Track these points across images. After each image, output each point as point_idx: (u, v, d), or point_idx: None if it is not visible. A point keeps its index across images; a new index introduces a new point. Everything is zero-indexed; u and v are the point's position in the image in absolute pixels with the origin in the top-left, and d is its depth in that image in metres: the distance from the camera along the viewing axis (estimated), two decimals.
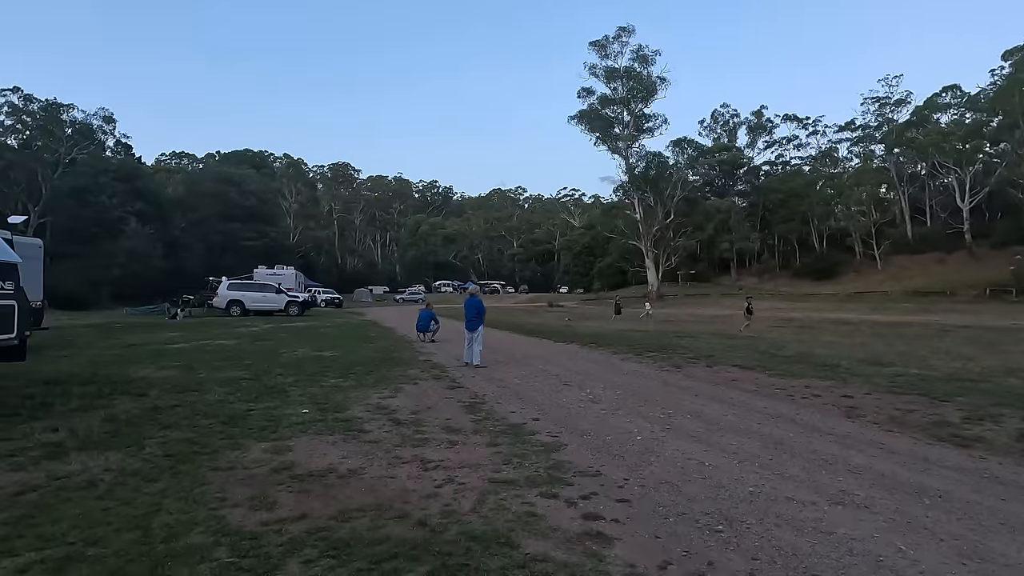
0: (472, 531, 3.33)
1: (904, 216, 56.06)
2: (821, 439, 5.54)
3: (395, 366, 10.62)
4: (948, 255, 48.11)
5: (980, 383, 8.29)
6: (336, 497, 3.93)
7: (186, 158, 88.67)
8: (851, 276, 53.25)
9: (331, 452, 5.01)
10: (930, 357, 11.48)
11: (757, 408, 7.03)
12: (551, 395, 7.92)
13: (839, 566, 2.97)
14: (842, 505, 3.82)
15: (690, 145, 63.80)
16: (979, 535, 3.33)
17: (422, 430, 5.81)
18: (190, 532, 3.33)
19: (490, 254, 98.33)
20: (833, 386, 8.32)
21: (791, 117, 68.52)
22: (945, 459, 4.86)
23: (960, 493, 4.02)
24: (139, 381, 8.56)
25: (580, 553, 3.09)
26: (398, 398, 7.51)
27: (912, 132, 53.19)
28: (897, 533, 3.37)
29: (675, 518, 3.62)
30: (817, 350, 12.95)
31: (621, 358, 12.32)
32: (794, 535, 3.35)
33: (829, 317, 28.17)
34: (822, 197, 59.25)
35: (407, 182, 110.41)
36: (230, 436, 5.46)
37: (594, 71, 54.40)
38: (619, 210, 63.48)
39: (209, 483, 4.19)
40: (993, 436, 5.48)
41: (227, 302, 28.05)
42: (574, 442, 5.42)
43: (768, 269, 63.84)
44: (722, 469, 4.61)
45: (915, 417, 6.34)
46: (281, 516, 3.57)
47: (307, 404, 6.97)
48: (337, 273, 77.15)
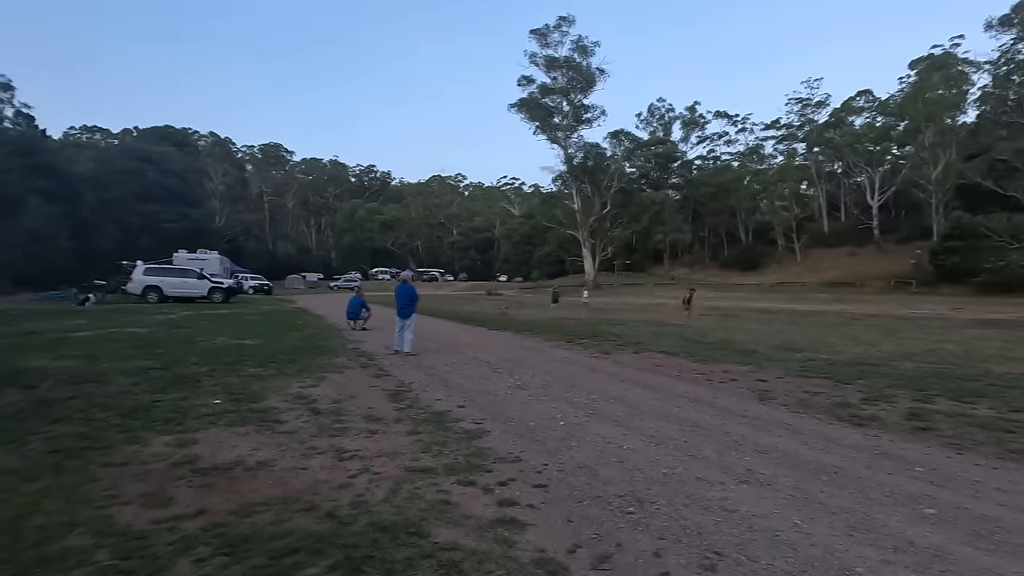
0: (382, 521, 3.23)
1: (822, 211, 59.74)
2: (734, 421, 5.77)
3: (321, 354, 10.25)
4: (859, 249, 51.72)
5: (880, 367, 8.93)
6: (240, 491, 3.71)
7: (99, 133, 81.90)
8: (774, 267, 56.32)
9: (241, 444, 4.75)
10: (838, 343, 12.27)
11: (678, 392, 7.25)
12: (479, 382, 7.87)
13: (740, 542, 3.08)
14: (748, 483, 3.98)
15: (627, 137, 65.24)
16: (867, 508, 3.55)
17: (342, 419, 5.62)
18: (68, 534, 3.05)
19: (429, 241, 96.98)
20: (750, 371, 8.71)
21: (722, 114, 71.43)
22: (844, 438, 5.17)
23: (854, 469, 4.29)
24: (31, 372, 7.82)
25: (491, 540, 3.05)
26: (320, 387, 7.24)
27: (830, 132, 56.66)
28: (795, 509, 3.54)
29: (589, 501, 3.65)
30: (738, 337, 13.57)
31: (553, 345, 12.44)
32: (701, 514, 3.45)
33: (752, 306, 29.66)
34: (749, 192, 62.26)
35: (343, 166, 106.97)
36: (129, 429, 5.07)
37: (535, 60, 54.48)
38: (558, 200, 64.24)
39: (98, 480, 3.87)
40: (887, 415, 5.89)
41: (143, 288, 26.17)
42: (497, 429, 5.39)
43: (699, 260, 66.51)
44: (639, 452, 4.71)
45: (820, 399, 6.72)
46: (176, 513, 3.34)
47: (220, 394, 6.58)
48: (267, 259, 73.98)
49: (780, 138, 67.05)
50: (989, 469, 4.32)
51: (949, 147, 44.64)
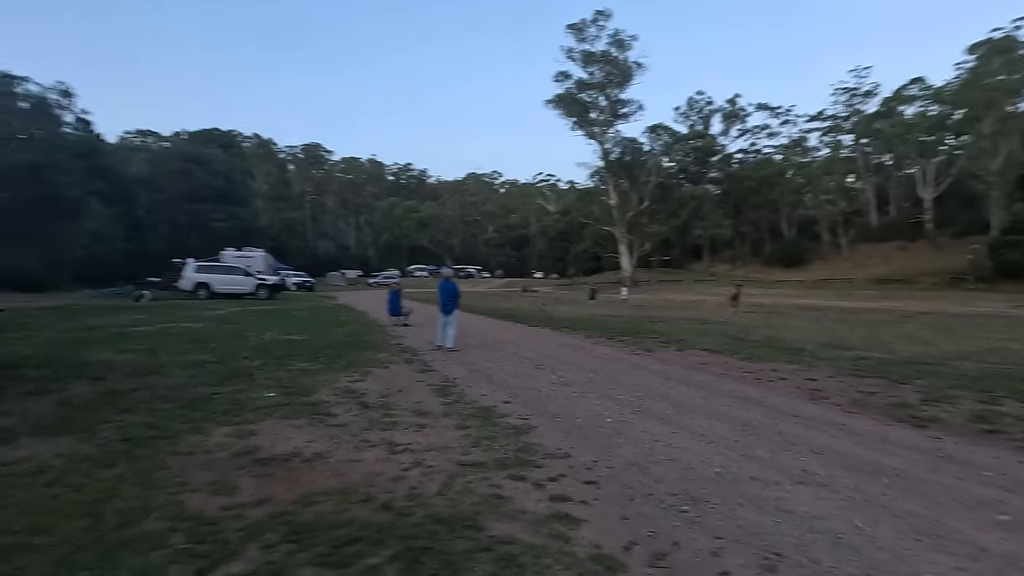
0: (438, 514, 3.29)
1: (870, 205, 57.47)
2: (786, 421, 5.64)
3: (365, 350, 10.47)
4: (910, 244, 49.54)
5: (938, 366, 8.56)
6: (300, 481, 3.84)
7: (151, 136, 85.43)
8: (818, 263, 54.50)
9: (296, 436, 4.91)
10: (891, 342, 11.82)
11: (725, 391, 7.13)
12: (522, 378, 7.91)
13: (800, 543, 3.02)
14: (804, 484, 3.89)
15: (665, 132, 64.09)
16: (934, 512, 3.42)
17: (391, 413, 5.74)
18: (145, 518, 3.21)
19: (465, 239, 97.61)
20: (799, 369, 8.49)
21: (764, 106, 69.15)
22: (903, 439, 4.99)
23: (917, 472, 4.14)
24: (98, 364, 8.26)
25: (546, 535, 3.08)
26: (367, 381, 7.41)
27: (879, 123, 54.32)
28: (856, 511, 3.44)
29: (642, 499, 3.63)
30: (784, 335, 13.22)
31: (593, 342, 12.38)
32: (757, 514, 3.40)
33: (796, 303, 28.82)
34: (792, 186, 60.33)
35: (381, 165, 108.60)
36: (191, 420, 5.30)
37: (571, 55, 53.97)
38: (594, 196, 63.65)
39: (168, 468, 4.06)
40: (949, 417, 5.66)
41: (194, 284, 27.30)
42: (544, 425, 5.42)
43: (739, 256, 64.89)
44: (689, 450, 4.66)
45: (876, 399, 6.50)
46: (242, 501, 3.48)
47: (273, 388, 6.81)
48: (309, 256, 75.66)
49: (825, 130, 64.61)
50: None
51: (1010, 135, 42.19)
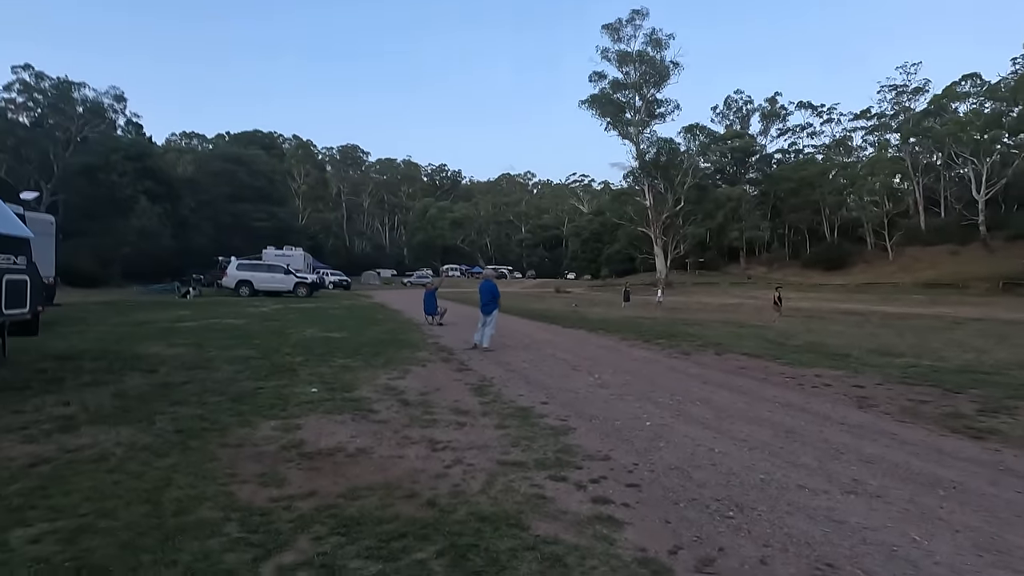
0: (481, 512, 3.32)
1: (918, 207, 55.33)
2: (833, 428, 5.49)
3: (403, 348, 10.63)
4: (962, 247, 47.50)
5: (993, 375, 8.20)
6: (345, 475, 3.93)
7: (196, 138, 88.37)
8: (862, 267, 52.77)
9: (340, 431, 5.02)
10: (942, 349, 11.36)
11: (767, 396, 6.97)
12: (559, 379, 7.90)
13: (852, 555, 2.94)
14: (855, 494, 3.78)
15: (702, 132, 63.07)
16: (995, 527, 3.28)
17: (431, 411, 5.81)
18: (200, 507, 3.33)
19: (498, 239, 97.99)
20: (844, 376, 8.25)
21: (806, 105, 67.59)
22: (960, 451, 4.79)
23: (975, 485, 3.97)
24: (149, 358, 8.62)
25: (590, 536, 3.07)
26: (406, 379, 7.52)
27: (929, 121, 52.23)
28: (911, 523, 3.32)
29: (685, 503, 3.59)
30: (827, 340, 12.85)
31: (629, 344, 12.27)
32: (806, 523, 3.32)
33: (838, 307, 27.94)
34: (835, 186, 58.57)
35: (416, 165, 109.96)
36: (239, 413, 5.48)
37: (606, 55, 53.71)
38: (628, 196, 63.03)
39: (219, 459, 4.20)
40: (1008, 429, 5.41)
41: (236, 282, 28.20)
42: (583, 426, 5.40)
43: (778, 258, 63.35)
44: (732, 456, 4.57)
45: (928, 408, 6.27)
46: (290, 493, 3.58)
47: (316, 383, 6.98)
48: (345, 255, 77.16)
49: (870, 129, 62.73)
50: None
51: None
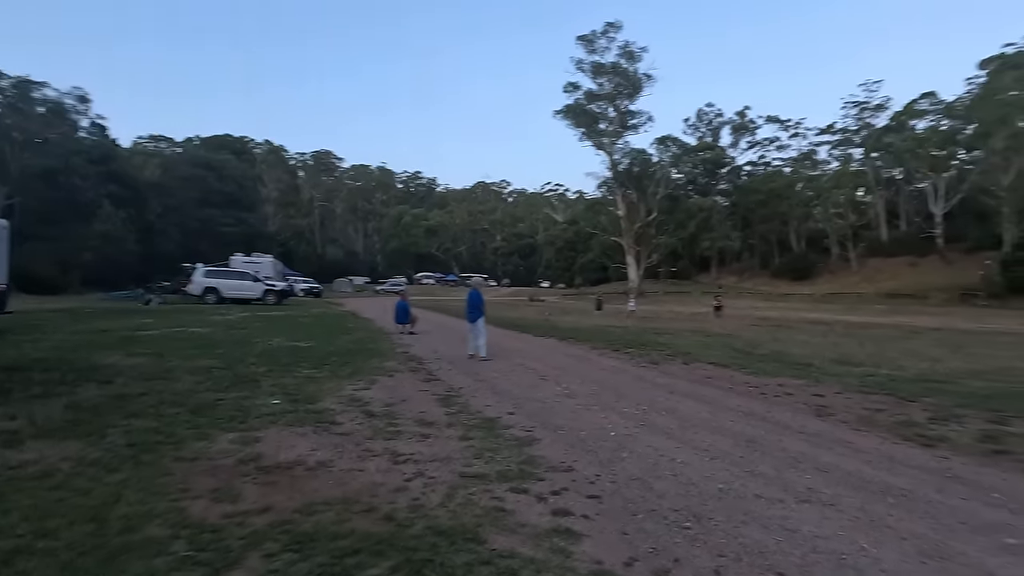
0: (439, 526, 3.29)
1: (880, 219, 57.16)
2: (791, 437, 5.60)
3: (371, 357, 10.51)
4: (921, 259, 49.18)
5: (946, 384, 8.47)
6: (302, 490, 3.85)
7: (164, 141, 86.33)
8: (827, 277, 54.20)
9: (300, 444, 4.93)
10: (900, 358, 11.71)
11: (731, 406, 7.09)
12: (527, 389, 7.91)
13: (803, 563, 3.00)
14: (809, 503, 3.86)
15: (674, 143, 64.40)
16: (940, 534, 3.39)
17: (395, 423, 5.75)
18: (148, 524, 3.23)
19: (473, 247, 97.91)
20: (805, 385, 8.44)
21: (774, 119, 69.24)
22: (910, 458, 4.94)
23: (923, 492, 4.09)
24: (106, 368, 8.34)
25: (547, 549, 3.07)
26: (372, 390, 7.43)
27: (890, 137, 54.12)
28: (861, 531, 3.41)
29: (644, 514, 3.62)
30: (791, 349, 13.14)
31: (599, 353, 12.36)
32: (761, 532, 3.37)
33: (805, 317, 28.63)
34: (801, 198, 60.17)
35: (390, 172, 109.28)
36: (197, 426, 5.33)
37: (581, 66, 54.38)
38: (602, 206, 63.80)
39: (172, 474, 4.08)
40: (957, 436, 5.60)
41: (202, 289, 27.54)
42: (548, 437, 5.40)
43: (747, 268, 64.69)
44: (693, 466, 4.63)
45: (883, 417, 6.45)
46: (244, 509, 3.49)
47: (278, 395, 6.85)
48: (317, 262, 76.00)
49: (835, 143, 64.39)
50: None
51: (1022, 151, 41.93)
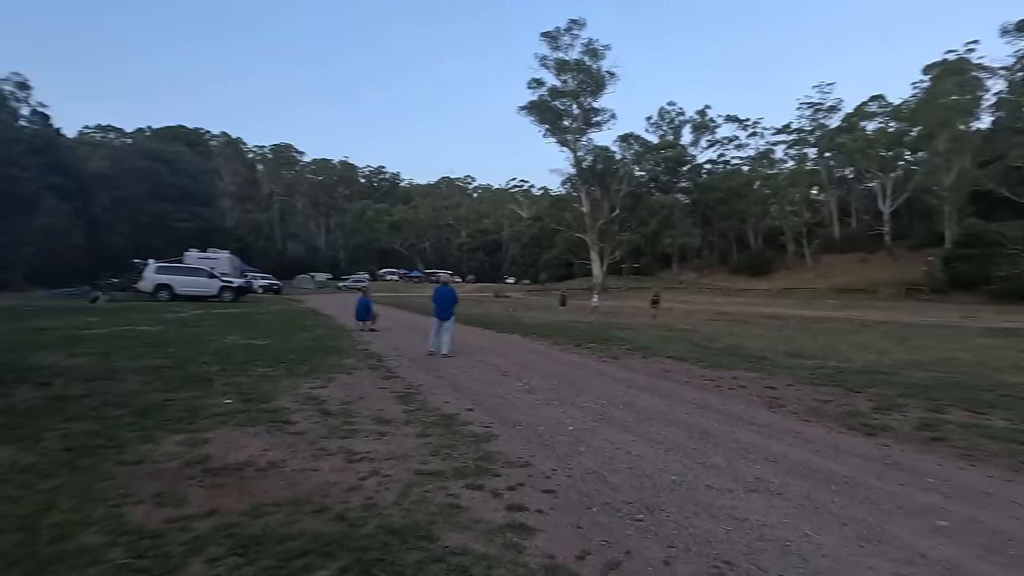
0: (392, 524, 3.25)
1: (832, 217, 59.32)
2: (744, 429, 5.75)
3: (330, 355, 10.31)
4: (870, 255, 51.30)
5: (891, 375, 8.86)
6: (251, 492, 3.74)
7: (113, 132, 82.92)
8: (783, 273, 55.99)
9: (251, 444, 4.79)
10: (848, 351, 12.18)
11: (687, 399, 7.23)
12: (488, 385, 7.89)
13: (749, 551, 3.07)
14: (757, 492, 3.97)
15: (637, 141, 65.39)
16: (878, 519, 3.53)
17: (351, 421, 5.65)
18: (83, 532, 3.08)
19: (437, 243, 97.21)
20: (759, 378, 8.67)
21: (733, 118, 71.18)
22: (854, 447, 5.14)
23: (864, 479, 4.26)
24: (45, 369, 7.92)
25: (500, 545, 3.06)
26: (330, 388, 7.28)
27: (842, 137, 56.16)
28: (805, 518, 3.52)
29: (598, 508, 3.65)
30: (747, 343, 13.51)
31: (561, 349, 12.44)
32: (711, 522, 3.45)
33: (761, 311, 29.46)
34: (759, 197, 61.99)
35: (353, 167, 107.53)
36: (142, 428, 5.13)
37: (545, 62, 54.61)
38: (566, 203, 64.30)
39: (112, 478, 3.91)
40: (898, 425, 5.85)
41: (154, 286, 26.46)
42: (506, 433, 5.40)
43: (707, 264, 66.30)
44: (648, 459, 4.70)
45: (831, 407, 6.68)
46: (189, 513, 3.37)
47: (231, 394, 6.64)
48: (276, 258, 74.19)
49: (791, 143, 66.64)
50: (1003, 482, 4.27)
51: (963, 153, 44.15)
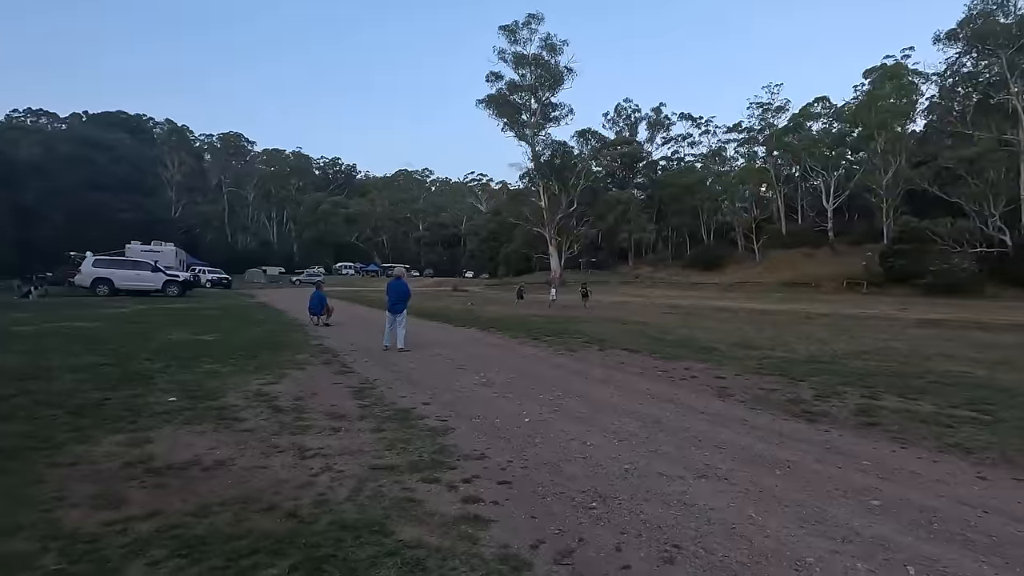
0: (344, 520, 3.20)
1: (780, 214, 61.56)
2: (694, 417, 5.92)
3: (282, 351, 10.05)
4: (815, 250, 53.44)
5: (832, 364, 9.30)
6: (197, 491, 3.62)
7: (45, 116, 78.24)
8: (733, 267, 57.69)
9: (198, 443, 4.62)
10: (793, 342, 12.71)
11: (640, 389, 7.39)
12: (445, 379, 7.86)
13: (697, 535, 3.18)
14: (706, 478, 4.10)
15: (594, 137, 65.99)
16: (817, 500, 3.70)
17: (304, 417, 5.53)
18: (12, 538, 2.92)
19: (395, 236, 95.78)
20: (709, 368, 8.95)
21: (687, 116, 72.81)
22: (796, 433, 5.37)
23: (805, 463, 4.46)
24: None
25: (455, 537, 3.06)
26: (282, 384, 7.10)
27: (789, 137, 58.28)
28: (750, 502, 3.66)
29: (553, 498, 3.69)
30: (699, 335, 13.91)
31: (519, 342, 12.50)
32: (661, 508, 3.54)
33: (713, 304, 30.37)
34: (711, 193, 63.71)
35: (307, 157, 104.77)
36: (77, 428, 4.88)
37: (503, 56, 54.37)
38: (525, 197, 64.40)
39: (46, 481, 3.71)
40: (837, 411, 6.15)
41: (92, 280, 25.11)
42: (463, 426, 5.40)
43: (662, 259, 67.65)
44: (602, 449, 4.78)
45: (775, 396, 6.96)
46: (128, 515, 3.23)
47: (175, 392, 6.39)
48: (226, 252, 71.64)
49: (741, 141, 68.55)
50: (930, 462, 4.55)
51: (899, 154, 46.47)
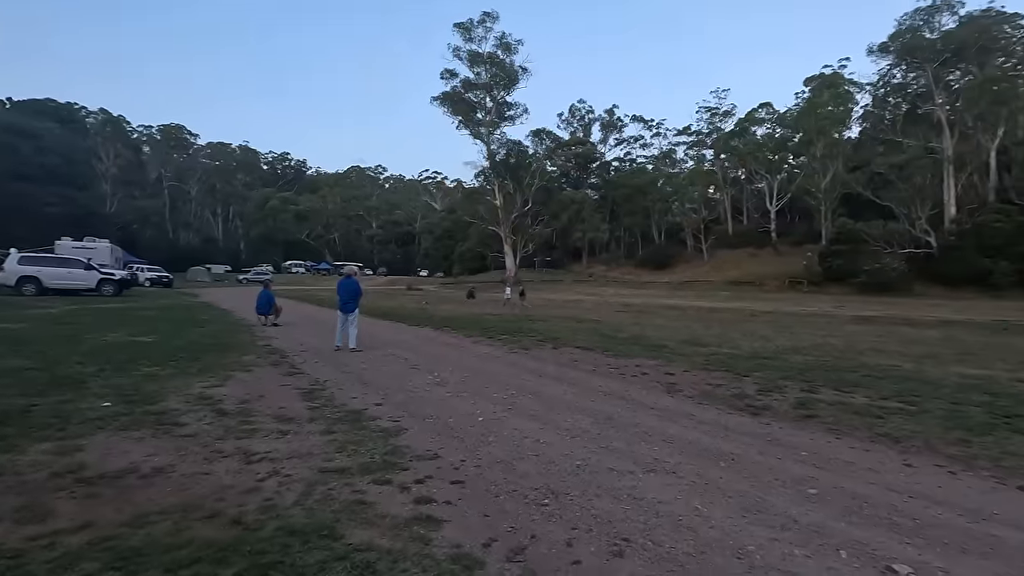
0: (292, 525, 3.12)
1: (727, 215, 63.77)
2: (644, 413, 6.06)
3: (227, 352, 9.68)
4: (759, 250, 55.62)
5: (774, 360, 9.69)
6: (133, 501, 3.45)
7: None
8: (683, 266, 59.36)
9: (134, 450, 4.40)
10: (738, 338, 13.17)
11: (593, 386, 7.51)
12: (397, 379, 7.76)
13: (646, 528, 3.26)
14: (654, 472, 4.20)
15: (548, 136, 66.61)
16: (759, 490, 3.86)
17: (250, 420, 5.34)
18: None
19: (347, 234, 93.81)
20: (659, 365, 9.17)
21: (639, 118, 74.38)
22: (740, 426, 5.58)
23: (748, 455, 4.64)
24: None
25: (406, 538, 3.03)
26: (226, 387, 6.84)
27: (735, 141, 60.44)
28: (696, 494, 3.78)
29: (505, 496, 3.71)
30: (649, 332, 14.24)
31: (473, 341, 12.48)
32: (612, 503, 3.61)
33: (663, 303, 31.16)
34: (662, 194, 65.36)
35: (254, 152, 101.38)
36: (1, 437, 4.56)
37: (458, 53, 54.06)
38: (480, 195, 64.31)
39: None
40: (778, 405, 6.42)
41: (17, 279, 23.48)
42: (416, 426, 5.35)
43: (615, 258, 68.96)
44: (554, 446, 4.84)
45: (721, 391, 7.21)
46: (57, 528, 3.05)
47: (110, 396, 6.05)
48: (168, 249, 68.50)
49: (691, 144, 70.70)
50: (862, 451, 4.81)
51: (836, 159, 48.87)
